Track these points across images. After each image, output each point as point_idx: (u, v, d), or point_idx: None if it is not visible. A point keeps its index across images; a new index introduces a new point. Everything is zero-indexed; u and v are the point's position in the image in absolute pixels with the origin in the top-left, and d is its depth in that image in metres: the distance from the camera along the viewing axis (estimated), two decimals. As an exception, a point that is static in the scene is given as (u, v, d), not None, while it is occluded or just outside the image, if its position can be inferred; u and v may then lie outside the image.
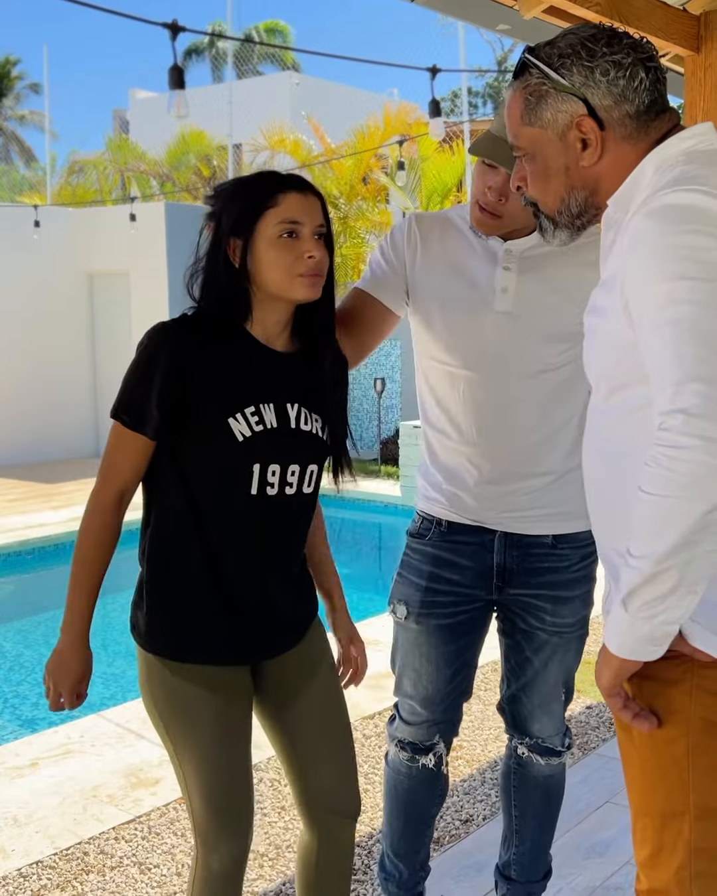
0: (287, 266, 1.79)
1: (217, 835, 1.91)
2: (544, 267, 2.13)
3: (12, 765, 3.72)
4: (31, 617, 7.26)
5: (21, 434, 12.37)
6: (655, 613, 1.32)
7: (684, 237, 1.32)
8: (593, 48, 1.49)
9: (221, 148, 15.87)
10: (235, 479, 1.83)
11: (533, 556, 2.21)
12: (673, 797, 1.48)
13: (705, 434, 1.25)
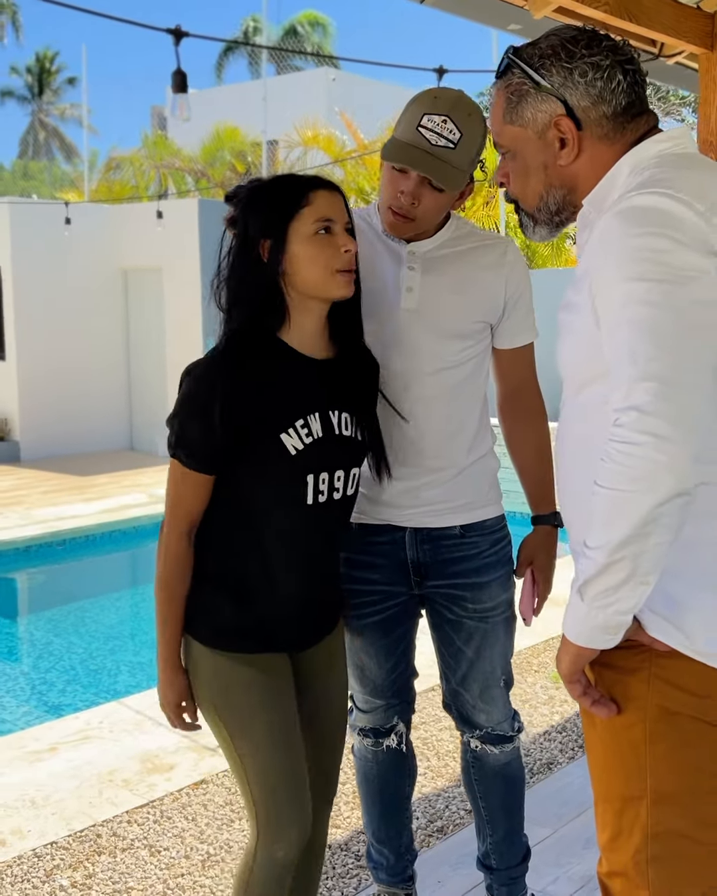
0: (326, 262, 1.83)
1: (281, 823, 1.93)
2: (445, 268, 2.20)
3: (32, 749, 3.82)
4: (61, 606, 7.37)
5: (56, 427, 12.54)
6: (609, 603, 1.37)
7: (645, 239, 1.36)
8: (572, 50, 1.53)
9: (255, 144, 15.95)
10: (292, 492, 1.88)
11: (444, 547, 2.26)
12: (631, 782, 1.52)
13: (655, 431, 1.29)
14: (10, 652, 6.52)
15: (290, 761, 1.94)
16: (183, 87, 4.34)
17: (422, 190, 2.07)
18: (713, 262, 1.36)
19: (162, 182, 16.69)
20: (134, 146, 18.76)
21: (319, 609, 2.04)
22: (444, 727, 3.92)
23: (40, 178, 27.97)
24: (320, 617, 2.05)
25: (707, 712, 1.49)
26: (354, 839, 3.06)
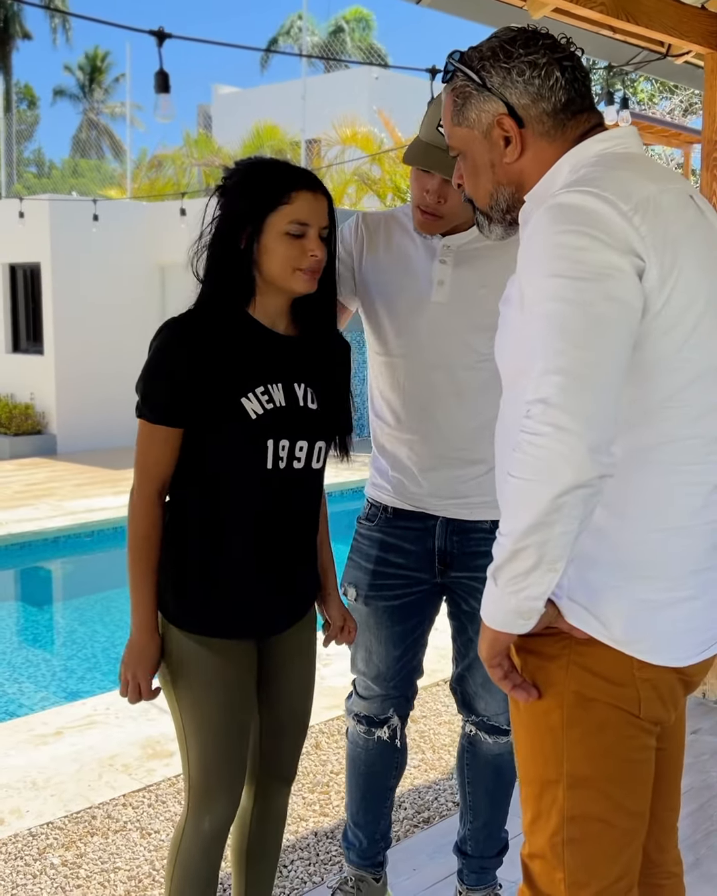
0: (290, 260, 1.89)
1: (211, 795, 2.00)
2: (477, 261, 2.23)
3: (39, 732, 3.91)
4: (87, 596, 7.51)
5: (92, 421, 12.72)
6: (519, 588, 1.40)
7: (565, 237, 1.39)
8: (510, 50, 1.56)
9: (295, 143, 16.04)
10: (251, 455, 1.92)
11: (473, 540, 2.30)
12: (549, 766, 1.55)
13: (557, 423, 1.32)
14: (35, 639, 6.65)
15: (230, 743, 1.99)
16: (165, 88, 4.43)
17: (447, 188, 2.11)
18: (631, 261, 1.38)
19: (204, 180, 16.82)
20: (180, 144, 18.95)
21: (289, 595, 2.07)
22: (443, 722, 3.96)
23: (89, 175, 28.28)
24: (290, 603, 2.09)
25: (622, 699, 1.52)
26: (339, 827, 3.11)
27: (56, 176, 30.23)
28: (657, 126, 9.23)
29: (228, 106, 21.35)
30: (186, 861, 2.03)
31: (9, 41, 35.73)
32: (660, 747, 1.63)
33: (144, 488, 1.94)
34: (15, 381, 13.10)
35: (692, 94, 20.38)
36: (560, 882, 1.56)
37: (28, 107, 39.29)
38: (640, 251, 1.39)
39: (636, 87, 20.16)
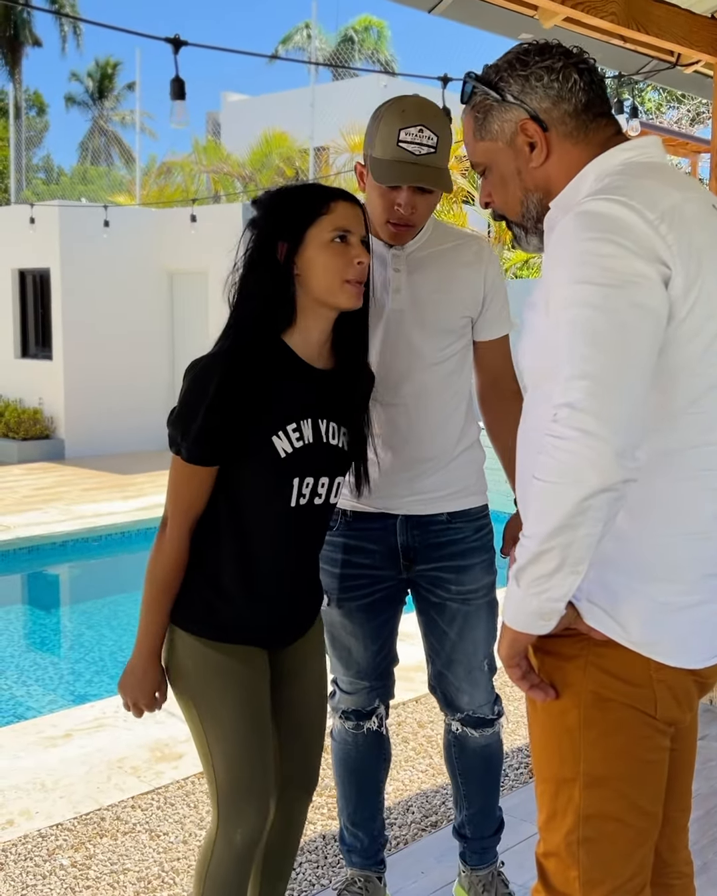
0: (338, 270, 1.89)
1: (241, 808, 1.99)
2: (430, 267, 2.31)
3: (48, 735, 3.93)
4: (94, 600, 7.53)
5: (100, 426, 12.74)
6: (542, 590, 1.42)
7: (593, 244, 1.41)
8: (525, 59, 1.60)
9: (303, 150, 16.10)
10: (277, 493, 1.93)
11: (432, 532, 2.38)
12: (565, 765, 1.57)
13: (584, 427, 1.34)
14: (42, 642, 6.66)
15: (256, 749, 1.99)
16: (181, 95, 4.46)
17: (415, 197, 2.19)
18: (657, 268, 1.41)
19: (213, 187, 16.89)
20: (189, 151, 19.02)
21: (298, 611, 2.10)
22: (450, 726, 3.97)
23: (99, 182, 28.37)
24: (298, 618, 2.11)
25: (639, 700, 1.54)
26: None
27: (65, 182, 30.33)
28: (665, 135, 9.26)
29: (237, 113, 21.41)
30: (217, 875, 2.01)
31: (19, 48, 35.90)
32: (673, 748, 1.65)
33: (176, 523, 1.92)
34: (24, 385, 13.14)
35: (700, 104, 20.42)
36: (575, 880, 1.58)
37: (37, 114, 39.43)
38: (666, 259, 1.42)
39: (643, 96, 20.21)
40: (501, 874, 2.66)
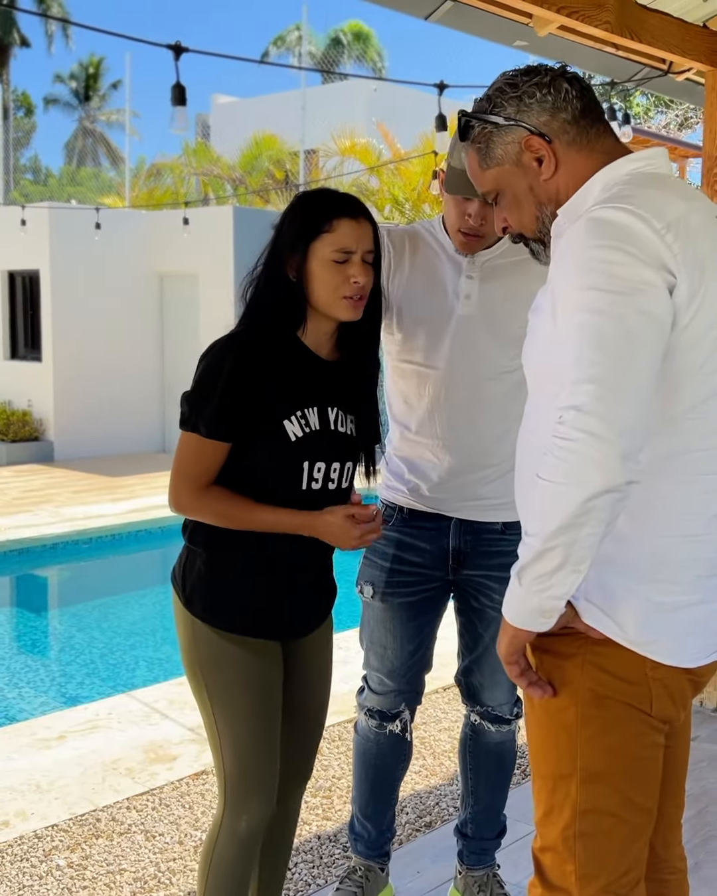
0: (334, 287, 1.96)
1: (247, 797, 2.05)
2: (503, 276, 2.34)
3: (42, 736, 3.94)
4: (84, 603, 7.52)
5: (89, 428, 12.73)
6: (544, 588, 1.45)
7: (601, 251, 1.45)
8: (513, 82, 1.65)
9: (293, 153, 16.12)
10: (287, 476, 1.99)
11: (485, 540, 2.41)
12: (563, 761, 1.61)
13: (590, 430, 1.38)
14: (33, 644, 6.66)
15: (264, 736, 2.04)
16: (182, 101, 4.47)
17: (486, 209, 2.20)
18: (663, 276, 1.44)
19: (202, 189, 16.89)
20: (178, 153, 19.01)
21: (313, 602, 2.14)
22: (443, 728, 4.00)
23: (88, 184, 28.33)
24: (313, 609, 2.15)
25: (635, 697, 1.57)
26: (343, 831, 3.14)
27: (53, 184, 30.28)
28: (653, 140, 9.32)
29: (227, 115, 21.40)
30: (221, 861, 2.06)
31: (7, 49, 35.81)
32: (667, 745, 1.68)
33: (190, 489, 1.95)
34: (13, 387, 13.12)
35: (688, 109, 20.50)
36: (571, 874, 1.61)
37: (25, 114, 39.35)
38: (672, 267, 1.45)
39: (631, 101, 20.28)
40: (497, 875, 2.70)
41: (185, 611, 2.05)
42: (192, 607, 2.04)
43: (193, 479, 1.96)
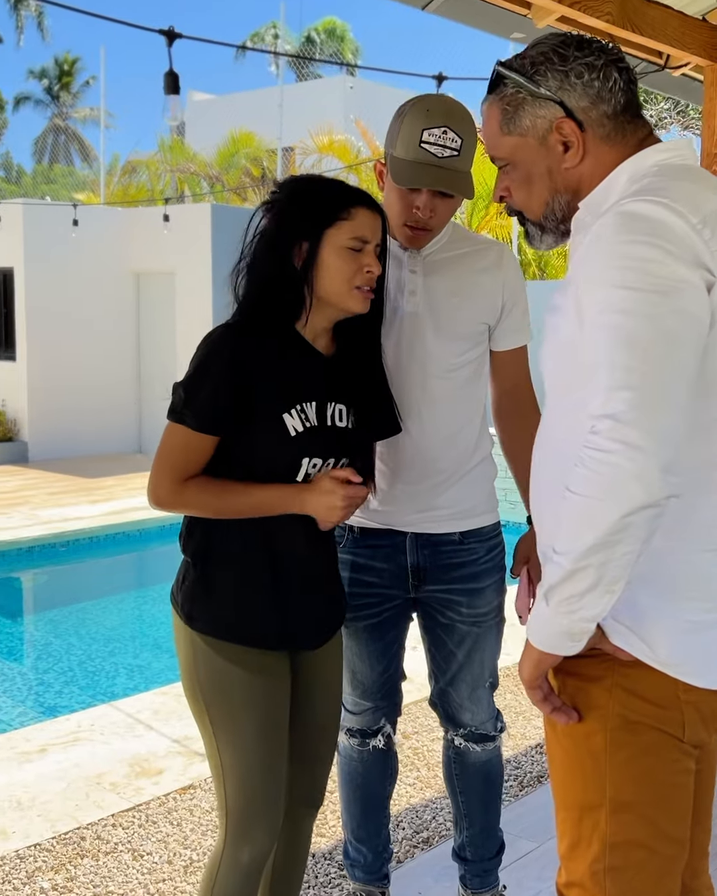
0: (348, 277, 1.86)
1: (250, 825, 1.93)
2: (447, 270, 2.24)
3: (22, 749, 3.81)
4: (62, 608, 7.39)
5: (64, 429, 12.57)
6: (573, 609, 1.36)
7: (632, 247, 1.35)
8: (564, 53, 1.51)
9: (271, 150, 16.01)
10: (285, 471, 1.89)
11: (443, 553, 2.30)
12: (590, 790, 1.51)
13: (627, 440, 1.28)
14: (9, 652, 6.52)
15: (269, 763, 1.93)
16: (175, 89, 4.30)
17: (435, 201, 2.12)
18: (700, 274, 1.34)
19: (178, 186, 16.74)
20: (153, 149, 18.84)
21: (320, 608, 2.03)
22: (436, 738, 3.91)
23: (62, 181, 28.08)
24: (322, 615, 2.04)
25: (667, 723, 1.48)
26: (338, 848, 3.04)
27: (26, 182, 30.00)
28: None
29: (202, 112, 21.25)
30: (223, 893, 1.96)
31: (-22, 45, 35.43)
32: (696, 769, 1.59)
33: (170, 482, 1.86)
34: (-14, 387, 12.95)
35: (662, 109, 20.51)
36: None
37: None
38: (709, 264, 1.35)
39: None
40: None
41: (186, 628, 1.95)
42: (192, 622, 1.93)
43: (175, 472, 1.86)
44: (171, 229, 11.83)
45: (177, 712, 4.14)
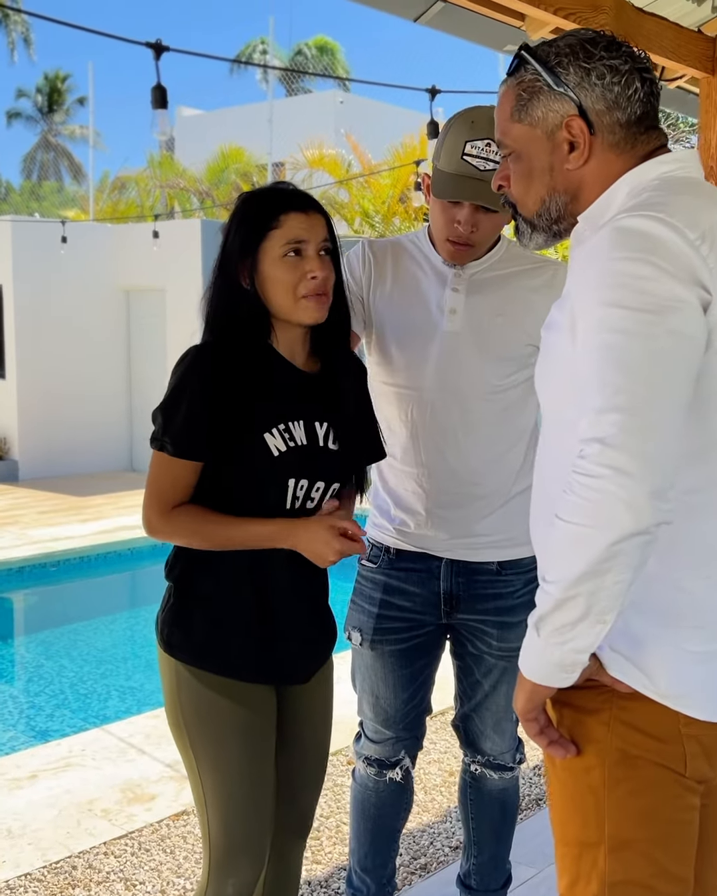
0: (291, 286, 1.79)
1: (233, 857, 1.88)
2: (491, 289, 2.17)
3: (12, 776, 3.73)
4: (53, 629, 7.30)
5: (55, 447, 12.49)
6: (565, 640, 1.31)
7: (628, 264, 1.30)
8: (591, 50, 1.46)
9: (261, 166, 16.01)
10: (270, 493, 1.84)
11: (479, 582, 2.24)
12: (589, 827, 1.45)
13: (616, 465, 1.23)
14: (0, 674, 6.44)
15: (252, 793, 1.88)
16: (163, 103, 4.22)
17: (477, 216, 2.06)
18: (696, 293, 1.29)
19: (168, 202, 16.73)
20: (143, 166, 18.85)
21: (307, 640, 1.97)
22: (432, 760, 3.84)
23: (51, 198, 28.08)
24: (309, 649, 1.99)
25: (668, 757, 1.42)
26: (334, 875, 2.98)
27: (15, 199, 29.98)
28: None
29: (191, 128, 21.26)
30: None
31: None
32: (703, 804, 1.53)
33: (159, 510, 1.82)
34: (-25, 405, 12.86)
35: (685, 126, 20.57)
36: None
37: (-14, 128, 39.00)
38: (706, 282, 1.30)
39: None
40: None
41: (168, 658, 1.89)
42: (174, 651, 1.88)
43: (161, 499, 1.81)
44: (160, 245, 11.79)
45: (168, 736, 4.01)
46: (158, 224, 12.26)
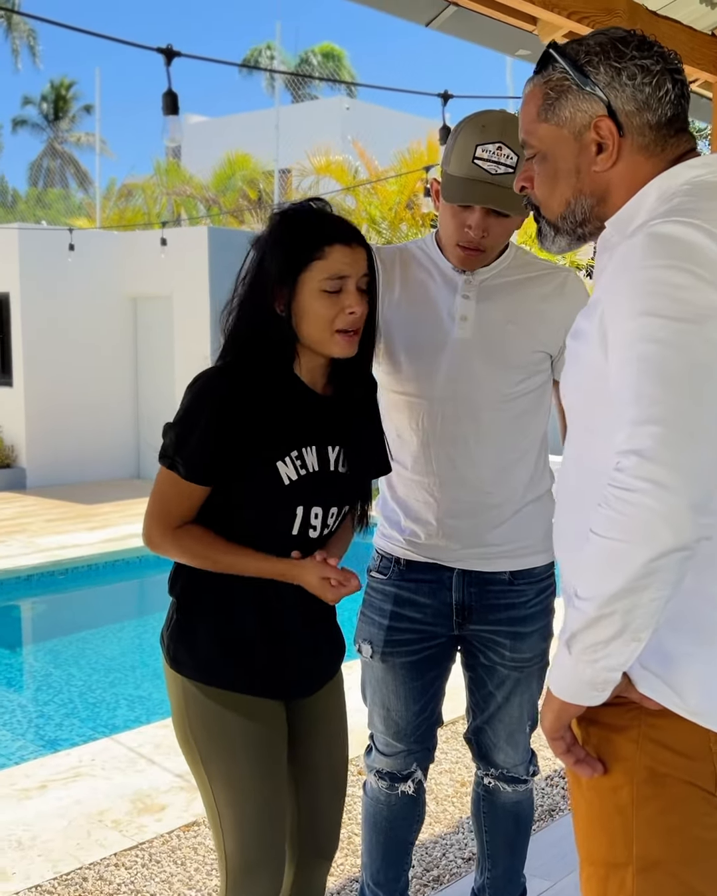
0: (328, 321, 1.77)
1: (251, 871, 1.86)
2: (502, 296, 2.15)
3: (22, 786, 3.71)
4: (61, 637, 7.28)
5: (62, 455, 12.47)
6: (597, 658, 1.28)
7: (663, 272, 1.27)
8: (622, 50, 1.42)
9: (267, 172, 16.02)
10: (279, 520, 1.82)
11: (491, 592, 2.22)
12: (616, 847, 1.42)
13: (655, 478, 1.20)
14: (8, 683, 6.41)
15: (268, 812, 1.85)
16: (174, 109, 4.18)
17: (488, 220, 2.04)
18: None
19: (174, 209, 16.74)
20: (149, 173, 18.87)
21: (314, 654, 1.95)
22: (443, 770, 3.81)
23: (57, 206, 28.12)
24: (316, 662, 1.97)
25: (697, 775, 1.39)
26: (347, 888, 2.95)
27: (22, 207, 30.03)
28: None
29: (198, 135, 21.29)
30: None
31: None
32: None
33: (161, 527, 1.81)
34: (-18, 413, 12.87)
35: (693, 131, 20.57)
36: None
37: (-8, 136, 39.12)
38: None
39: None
40: None
41: (174, 674, 1.88)
42: (180, 668, 1.86)
43: (166, 517, 1.80)
44: (167, 253, 11.78)
45: (178, 746, 4.04)
46: (165, 231, 12.26)
